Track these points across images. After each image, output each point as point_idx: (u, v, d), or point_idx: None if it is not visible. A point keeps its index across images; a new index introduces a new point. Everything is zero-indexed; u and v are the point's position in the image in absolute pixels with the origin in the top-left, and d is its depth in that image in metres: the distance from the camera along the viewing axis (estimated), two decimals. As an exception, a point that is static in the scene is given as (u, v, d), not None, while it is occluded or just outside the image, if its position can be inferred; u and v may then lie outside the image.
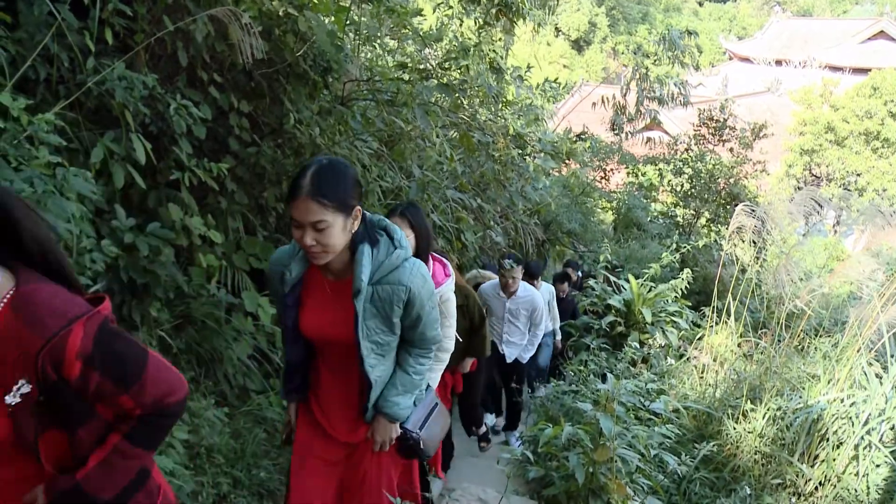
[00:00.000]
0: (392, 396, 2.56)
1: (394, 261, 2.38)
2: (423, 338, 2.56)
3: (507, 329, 6.15)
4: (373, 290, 2.35)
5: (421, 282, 2.41)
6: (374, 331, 2.41)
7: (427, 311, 2.48)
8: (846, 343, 5.73)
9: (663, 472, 4.67)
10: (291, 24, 4.47)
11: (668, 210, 16.55)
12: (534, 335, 6.23)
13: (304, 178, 2.15)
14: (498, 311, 6.09)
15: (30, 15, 3.24)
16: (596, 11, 50.30)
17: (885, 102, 23.27)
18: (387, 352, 2.52)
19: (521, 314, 6.07)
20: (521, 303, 6.01)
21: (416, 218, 3.34)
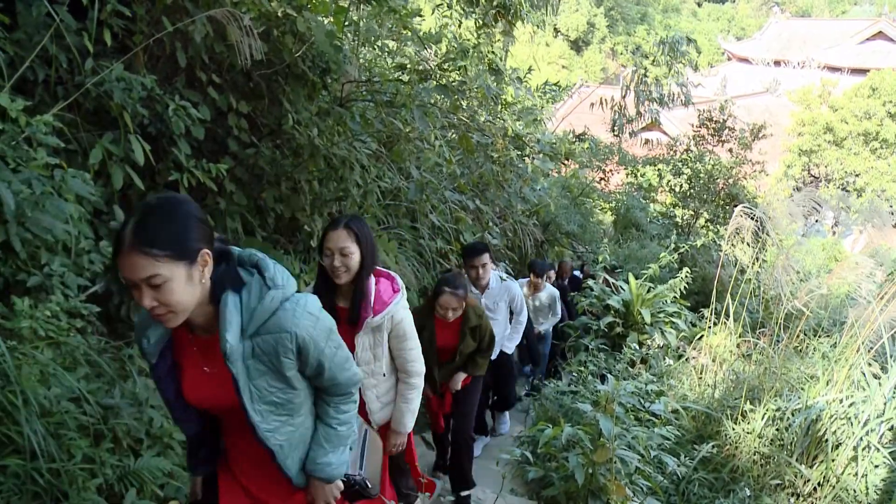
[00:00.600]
0: (321, 458, 2.23)
1: (269, 305, 1.96)
2: (335, 384, 2.18)
3: None
4: (252, 344, 1.96)
5: (310, 322, 2.00)
6: (268, 390, 2.04)
7: (329, 354, 2.08)
8: (845, 344, 5.73)
9: (662, 473, 4.67)
10: (290, 25, 4.46)
11: (668, 210, 16.56)
12: (517, 322, 5.82)
13: (126, 227, 1.71)
14: None
15: (28, 16, 3.24)
16: (594, 12, 50.35)
17: (884, 103, 23.29)
18: (293, 410, 2.14)
19: (498, 307, 5.62)
20: (496, 296, 5.55)
21: (361, 231, 3.00)
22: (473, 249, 5.25)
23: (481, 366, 4.41)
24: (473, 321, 4.22)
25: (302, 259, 4.99)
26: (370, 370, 3.15)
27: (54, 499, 2.60)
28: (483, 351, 4.37)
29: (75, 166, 3.21)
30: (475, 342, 4.31)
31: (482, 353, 4.39)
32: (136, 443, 3.07)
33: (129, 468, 2.90)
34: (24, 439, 2.50)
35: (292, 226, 5.09)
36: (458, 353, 4.29)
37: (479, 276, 5.19)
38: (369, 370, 3.15)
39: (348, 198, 5.34)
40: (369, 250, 3.00)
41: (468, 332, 4.25)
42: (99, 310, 3.19)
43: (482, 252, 5.18)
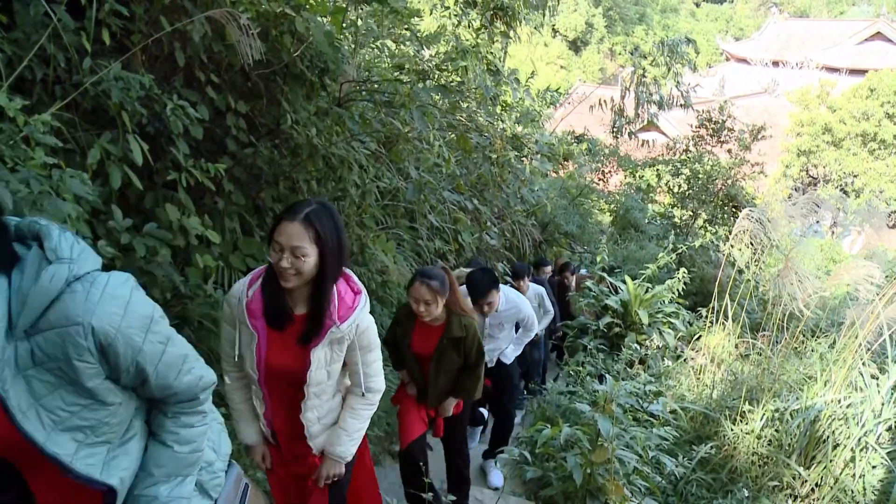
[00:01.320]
0: (146, 489, 1.64)
1: (49, 286, 1.38)
2: (170, 392, 1.62)
3: (486, 342, 4.90)
4: (29, 345, 1.39)
5: (115, 309, 1.43)
6: (65, 411, 1.45)
7: (152, 354, 1.53)
8: (843, 345, 5.74)
9: (661, 474, 4.67)
10: (288, 25, 4.46)
11: (666, 211, 16.57)
12: (523, 334, 5.42)
13: None
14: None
15: (26, 15, 3.23)
16: (593, 12, 50.39)
17: (882, 104, 23.33)
18: (112, 433, 1.57)
19: (503, 327, 5.20)
20: (504, 317, 5.11)
21: (323, 227, 2.37)
22: (477, 289, 4.60)
23: (470, 390, 3.88)
24: (456, 332, 3.69)
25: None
26: (319, 390, 2.59)
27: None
28: (472, 367, 3.83)
29: (73, 166, 3.20)
30: (459, 358, 3.77)
31: (470, 375, 3.84)
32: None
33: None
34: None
35: (291, 226, 5.08)
36: (438, 366, 3.77)
37: (484, 312, 4.71)
38: (318, 390, 2.59)
39: (346, 198, 5.33)
40: (334, 251, 2.39)
41: (449, 344, 3.72)
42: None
43: (487, 292, 4.61)
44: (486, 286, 4.59)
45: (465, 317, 3.74)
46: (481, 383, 3.93)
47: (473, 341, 3.76)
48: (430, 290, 3.53)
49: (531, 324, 5.29)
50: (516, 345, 5.44)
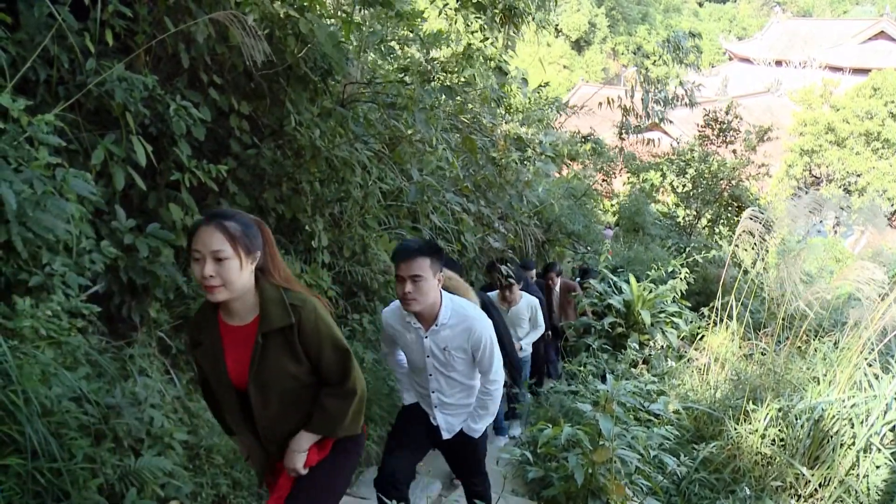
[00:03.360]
0: None
1: None
2: None
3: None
4: None
5: None
6: None
7: None
8: (847, 344, 5.73)
9: (663, 473, 4.67)
10: (293, 27, 4.47)
11: (670, 211, 16.54)
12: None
13: None
14: None
15: (30, 16, 3.24)
16: (596, 12, 50.30)
17: (886, 103, 23.29)
18: None
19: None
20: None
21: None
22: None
23: (337, 416, 2.47)
24: (277, 319, 2.31)
25: (303, 259, 4.99)
26: None
27: (55, 498, 2.61)
28: (336, 387, 2.45)
29: (77, 166, 3.21)
30: (298, 365, 2.38)
31: (335, 392, 2.46)
32: (136, 442, 3.08)
33: (130, 468, 2.91)
34: (25, 439, 2.51)
35: (293, 226, 5.09)
36: (262, 389, 2.38)
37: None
38: None
39: (349, 198, 5.34)
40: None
41: (272, 345, 2.34)
42: (100, 310, 3.20)
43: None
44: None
45: (297, 293, 2.37)
46: (348, 410, 2.47)
47: (317, 333, 2.35)
48: (225, 234, 2.21)
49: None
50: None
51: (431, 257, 3.10)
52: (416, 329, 3.26)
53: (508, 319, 6.20)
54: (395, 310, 3.36)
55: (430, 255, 3.10)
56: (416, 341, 3.30)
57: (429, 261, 3.08)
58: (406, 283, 3.06)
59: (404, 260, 3.06)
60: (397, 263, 3.09)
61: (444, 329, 3.24)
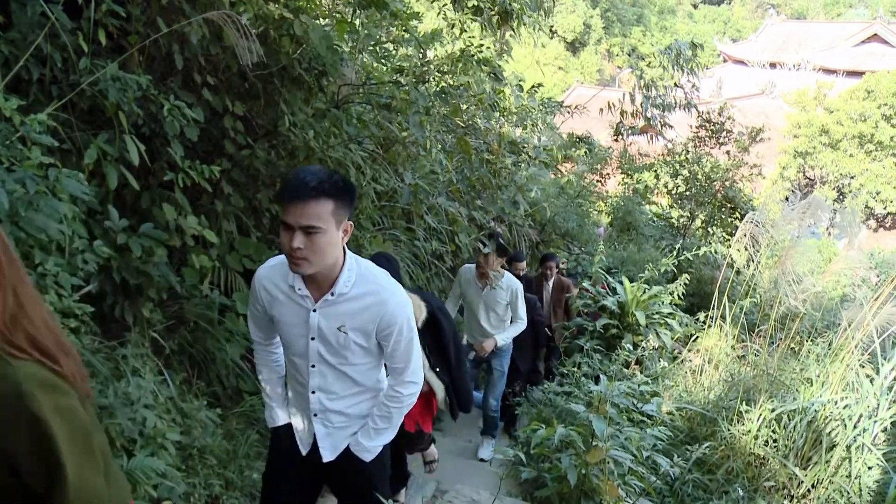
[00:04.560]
0: None
1: None
2: None
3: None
4: None
5: None
6: None
7: None
8: (839, 345, 5.75)
9: (656, 474, 4.68)
10: (287, 28, 4.47)
11: (663, 212, 16.56)
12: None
13: None
14: None
15: (23, 15, 3.24)
16: (591, 13, 50.37)
17: (879, 105, 23.37)
18: None
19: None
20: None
21: None
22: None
23: None
24: None
25: (297, 260, 4.98)
26: None
27: (47, 499, 2.59)
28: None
29: (70, 166, 3.21)
30: None
31: None
32: (129, 443, 3.07)
33: (123, 468, 2.90)
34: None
35: (287, 227, 5.09)
36: None
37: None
38: None
39: (344, 199, 5.33)
40: None
41: None
42: (93, 310, 3.19)
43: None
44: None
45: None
46: None
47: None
48: None
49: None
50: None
51: (336, 200, 2.22)
52: (302, 298, 2.38)
53: (484, 301, 5.64)
54: (278, 266, 2.46)
55: (335, 197, 2.21)
56: (299, 315, 2.42)
57: (332, 204, 2.20)
58: (295, 235, 2.17)
59: (294, 201, 2.15)
60: (284, 205, 2.20)
61: (342, 301, 2.37)
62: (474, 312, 5.70)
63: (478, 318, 5.69)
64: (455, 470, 5.12)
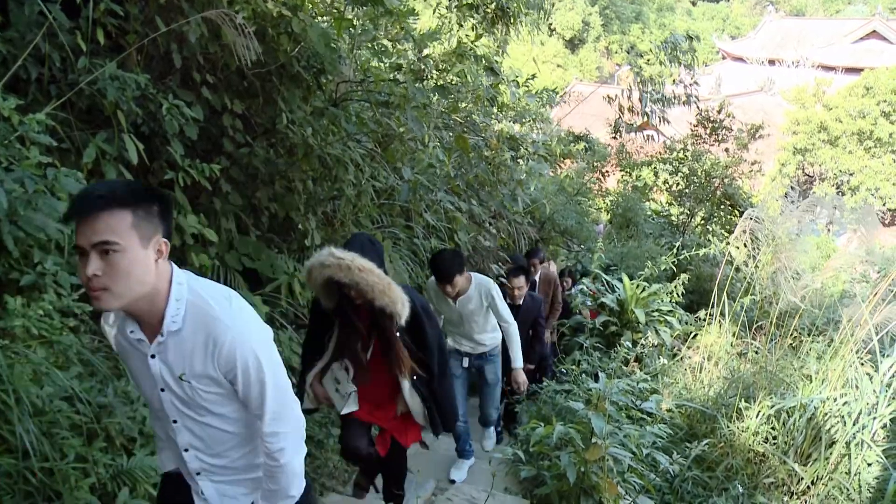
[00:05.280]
0: None
1: None
2: None
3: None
4: None
5: None
6: None
7: None
8: (839, 342, 5.75)
9: (655, 472, 4.68)
10: (285, 26, 4.46)
11: (663, 209, 16.58)
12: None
13: None
14: None
15: (21, 14, 3.23)
16: (589, 11, 50.35)
17: (878, 102, 23.34)
18: None
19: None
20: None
21: None
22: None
23: None
24: None
25: (296, 258, 4.99)
26: None
27: (47, 498, 2.60)
28: None
29: (68, 165, 3.20)
30: None
31: None
32: (129, 442, 3.07)
33: (122, 467, 2.91)
34: (16, 438, 2.50)
35: (286, 225, 5.09)
36: None
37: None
38: None
39: (342, 197, 5.34)
40: None
41: None
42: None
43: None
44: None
45: None
46: None
47: None
48: None
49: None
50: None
51: (135, 209, 1.77)
52: (139, 343, 1.96)
53: (460, 313, 4.90)
54: (122, 316, 2.01)
55: (133, 207, 1.76)
56: (143, 364, 1.99)
57: (129, 216, 1.75)
58: (89, 260, 1.72)
59: (82, 216, 1.71)
60: (75, 228, 1.75)
61: (175, 342, 1.92)
62: (455, 324, 5.04)
63: (460, 327, 5.05)
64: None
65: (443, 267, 4.45)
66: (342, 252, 2.99)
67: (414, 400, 3.48)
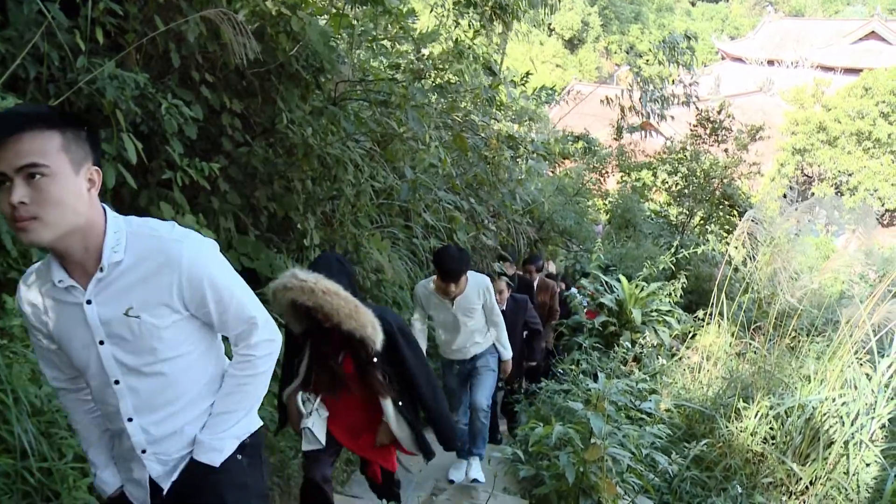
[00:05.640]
0: None
1: None
2: None
3: None
4: None
5: None
6: None
7: None
8: (838, 342, 5.76)
9: (654, 472, 4.68)
10: (284, 24, 4.46)
11: (662, 210, 16.59)
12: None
13: None
14: None
15: (19, 13, 3.23)
16: (588, 11, 50.36)
17: (877, 103, 23.40)
18: None
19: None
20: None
21: None
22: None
23: None
24: None
25: (294, 257, 4.99)
26: None
27: (45, 498, 2.59)
28: None
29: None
30: None
31: None
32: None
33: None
34: (14, 438, 2.50)
35: (285, 225, 5.09)
36: None
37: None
38: None
39: (341, 197, 5.34)
40: None
41: None
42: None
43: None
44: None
45: None
46: None
47: None
48: None
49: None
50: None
51: (65, 131, 1.60)
52: (69, 292, 1.73)
53: (457, 313, 4.67)
54: (36, 271, 1.83)
55: (62, 128, 1.60)
56: (74, 318, 1.75)
57: (59, 137, 1.58)
58: (14, 188, 1.54)
59: (3, 135, 1.52)
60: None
61: (118, 274, 1.72)
62: (448, 329, 4.76)
63: (450, 331, 4.76)
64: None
65: (451, 265, 4.27)
66: (306, 273, 2.82)
67: (401, 428, 3.26)
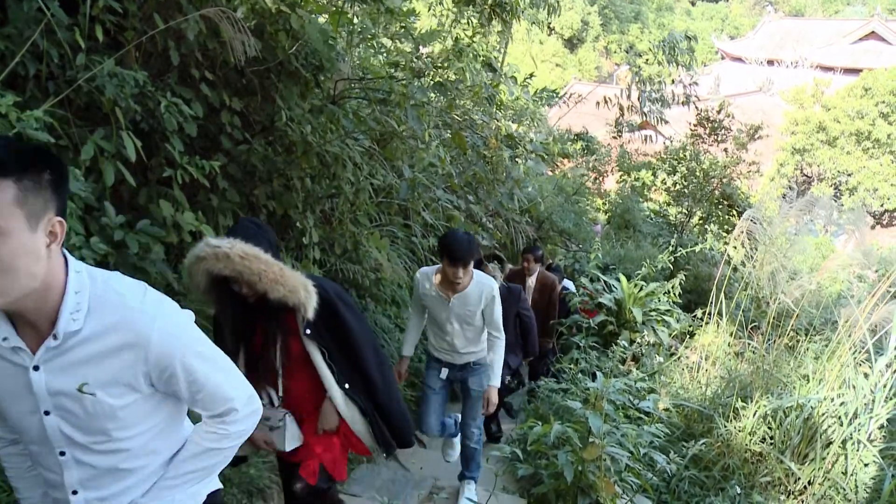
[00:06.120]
0: None
1: None
2: None
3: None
4: None
5: None
6: None
7: None
8: (836, 342, 5.76)
9: (653, 471, 4.68)
10: (283, 22, 4.46)
11: (661, 209, 16.60)
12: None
13: None
14: None
15: (19, 11, 3.22)
16: (588, 10, 50.38)
17: (877, 103, 23.41)
18: None
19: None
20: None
21: None
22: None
23: None
24: None
25: (294, 256, 4.98)
26: None
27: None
28: None
29: (66, 162, 3.19)
30: None
31: None
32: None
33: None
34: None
35: (284, 223, 5.09)
36: None
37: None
38: None
39: (341, 195, 5.33)
40: None
41: None
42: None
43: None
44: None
45: None
46: None
47: None
48: None
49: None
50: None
51: (21, 180, 1.36)
52: (14, 353, 1.53)
53: (453, 314, 4.34)
54: None
55: (18, 176, 1.36)
56: (17, 380, 1.56)
57: (13, 188, 1.35)
58: None
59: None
60: None
61: (74, 345, 1.52)
62: (442, 327, 4.44)
63: (446, 333, 4.44)
64: (451, 467, 5.12)
65: (460, 247, 3.93)
66: (219, 240, 2.51)
67: (352, 412, 2.89)
